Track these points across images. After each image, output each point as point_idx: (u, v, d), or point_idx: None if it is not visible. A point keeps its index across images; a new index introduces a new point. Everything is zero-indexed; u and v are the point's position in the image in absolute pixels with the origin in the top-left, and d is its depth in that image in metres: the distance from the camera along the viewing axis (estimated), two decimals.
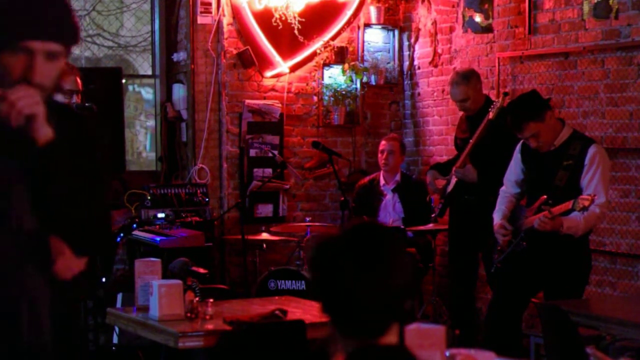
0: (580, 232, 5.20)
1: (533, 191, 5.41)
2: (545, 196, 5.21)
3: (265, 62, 8.05)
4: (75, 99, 5.82)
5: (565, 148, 5.31)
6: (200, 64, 7.87)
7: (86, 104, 5.81)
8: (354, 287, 2.11)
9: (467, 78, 6.66)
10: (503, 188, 5.67)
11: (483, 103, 6.71)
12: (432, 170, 7.00)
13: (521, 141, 5.50)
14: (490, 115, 6.29)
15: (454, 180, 6.68)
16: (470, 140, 6.53)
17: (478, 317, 7.24)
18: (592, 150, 5.23)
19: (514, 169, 5.61)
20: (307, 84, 8.19)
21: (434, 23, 8.13)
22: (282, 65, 8.08)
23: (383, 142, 7.69)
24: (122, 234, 6.71)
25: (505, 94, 6.63)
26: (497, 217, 5.58)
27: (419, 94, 8.42)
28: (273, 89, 8.12)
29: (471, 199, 6.61)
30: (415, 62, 8.43)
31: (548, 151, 5.36)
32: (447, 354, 2.35)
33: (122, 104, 7.44)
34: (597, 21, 6.47)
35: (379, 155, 7.68)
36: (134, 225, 6.84)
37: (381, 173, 7.71)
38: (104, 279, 5.68)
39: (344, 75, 8.20)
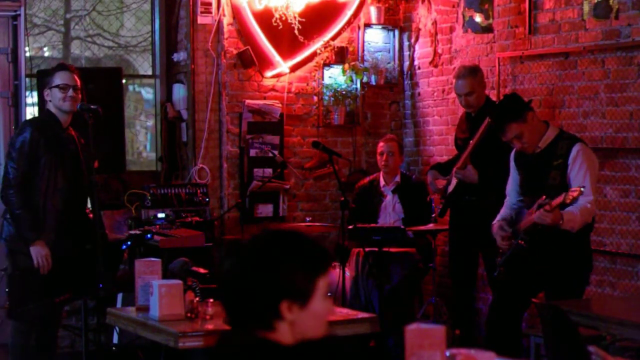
0: (577, 226, 5.20)
1: (530, 194, 5.42)
2: (544, 196, 5.22)
3: (265, 62, 8.05)
4: (72, 93, 5.83)
5: (553, 148, 5.34)
6: (201, 64, 7.87)
7: (92, 106, 5.82)
8: (230, 285, 2.37)
9: (474, 72, 6.72)
10: (507, 199, 5.68)
11: (484, 102, 6.73)
12: (433, 170, 7.00)
13: (514, 149, 5.54)
14: None
15: (454, 180, 6.68)
16: (471, 141, 6.53)
17: (478, 317, 7.25)
18: (575, 149, 5.27)
19: (513, 177, 5.64)
20: (307, 84, 8.19)
21: (434, 23, 8.13)
22: (282, 65, 8.08)
23: (381, 144, 7.68)
24: (129, 242, 6.66)
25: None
26: (498, 218, 5.60)
27: (419, 94, 8.42)
28: (273, 89, 8.12)
29: (472, 199, 6.61)
30: (416, 62, 8.43)
31: (536, 153, 5.39)
32: (447, 354, 2.35)
33: (122, 104, 7.45)
34: (597, 21, 6.47)
35: (378, 157, 7.68)
36: (148, 236, 6.82)
37: (381, 174, 7.70)
38: (101, 284, 5.67)
39: (344, 75, 8.20)
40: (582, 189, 4.94)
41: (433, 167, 7.12)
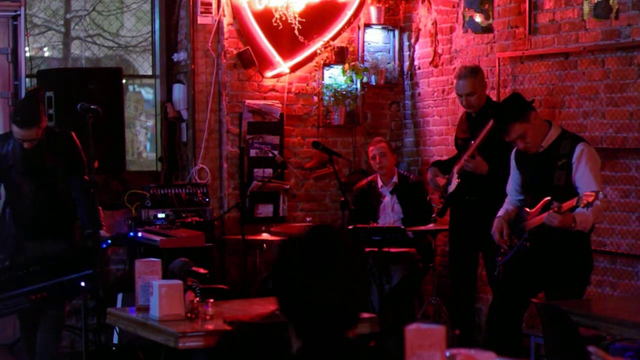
0: (589, 226, 5.21)
1: (534, 194, 5.41)
2: (549, 197, 5.21)
3: (265, 62, 8.05)
4: (27, 144, 5.94)
5: (556, 148, 5.33)
6: (201, 64, 7.87)
7: (91, 106, 5.82)
8: (307, 292, 2.22)
9: (475, 72, 6.71)
10: (507, 198, 5.68)
11: (484, 103, 6.72)
12: (433, 167, 7.00)
13: (514, 149, 5.53)
14: None
15: (455, 180, 6.67)
16: (472, 142, 6.53)
17: (478, 317, 7.25)
18: (578, 149, 5.26)
19: (513, 177, 5.64)
20: (308, 84, 8.19)
21: (434, 23, 8.13)
22: (283, 65, 8.08)
23: (371, 148, 7.70)
24: (109, 241, 6.61)
25: None
26: (500, 213, 5.60)
27: (419, 94, 8.42)
28: (273, 89, 8.12)
29: (472, 199, 6.60)
30: (416, 62, 8.43)
31: (538, 153, 5.38)
32: (447, 354, 2.35)
33: (122, 104, 7.45)
34: (597, 21, 6.47)
35: (371, 162, 7.70)
36: (131, 234, 6.85)
37: (378, 175, 7.71)
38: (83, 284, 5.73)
39: (344, 76, 8.20)
40: (597, 193, 4.92)
41: (433, 164, 7.12)
